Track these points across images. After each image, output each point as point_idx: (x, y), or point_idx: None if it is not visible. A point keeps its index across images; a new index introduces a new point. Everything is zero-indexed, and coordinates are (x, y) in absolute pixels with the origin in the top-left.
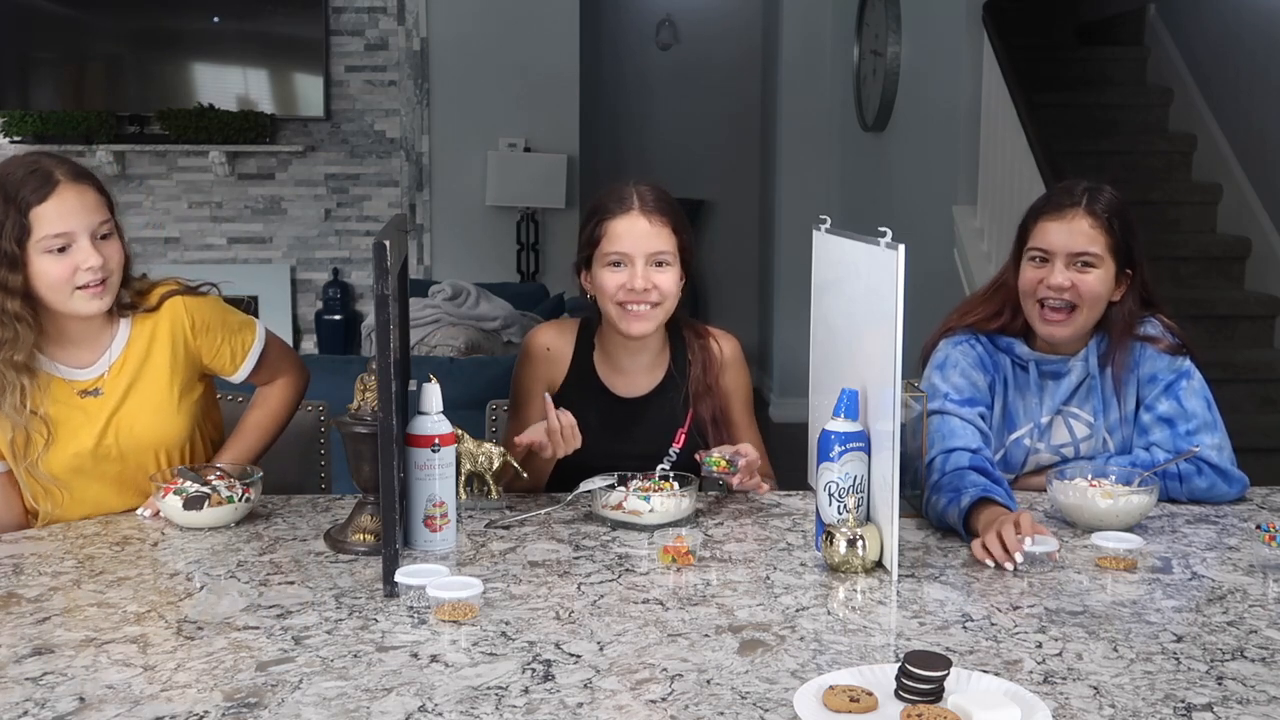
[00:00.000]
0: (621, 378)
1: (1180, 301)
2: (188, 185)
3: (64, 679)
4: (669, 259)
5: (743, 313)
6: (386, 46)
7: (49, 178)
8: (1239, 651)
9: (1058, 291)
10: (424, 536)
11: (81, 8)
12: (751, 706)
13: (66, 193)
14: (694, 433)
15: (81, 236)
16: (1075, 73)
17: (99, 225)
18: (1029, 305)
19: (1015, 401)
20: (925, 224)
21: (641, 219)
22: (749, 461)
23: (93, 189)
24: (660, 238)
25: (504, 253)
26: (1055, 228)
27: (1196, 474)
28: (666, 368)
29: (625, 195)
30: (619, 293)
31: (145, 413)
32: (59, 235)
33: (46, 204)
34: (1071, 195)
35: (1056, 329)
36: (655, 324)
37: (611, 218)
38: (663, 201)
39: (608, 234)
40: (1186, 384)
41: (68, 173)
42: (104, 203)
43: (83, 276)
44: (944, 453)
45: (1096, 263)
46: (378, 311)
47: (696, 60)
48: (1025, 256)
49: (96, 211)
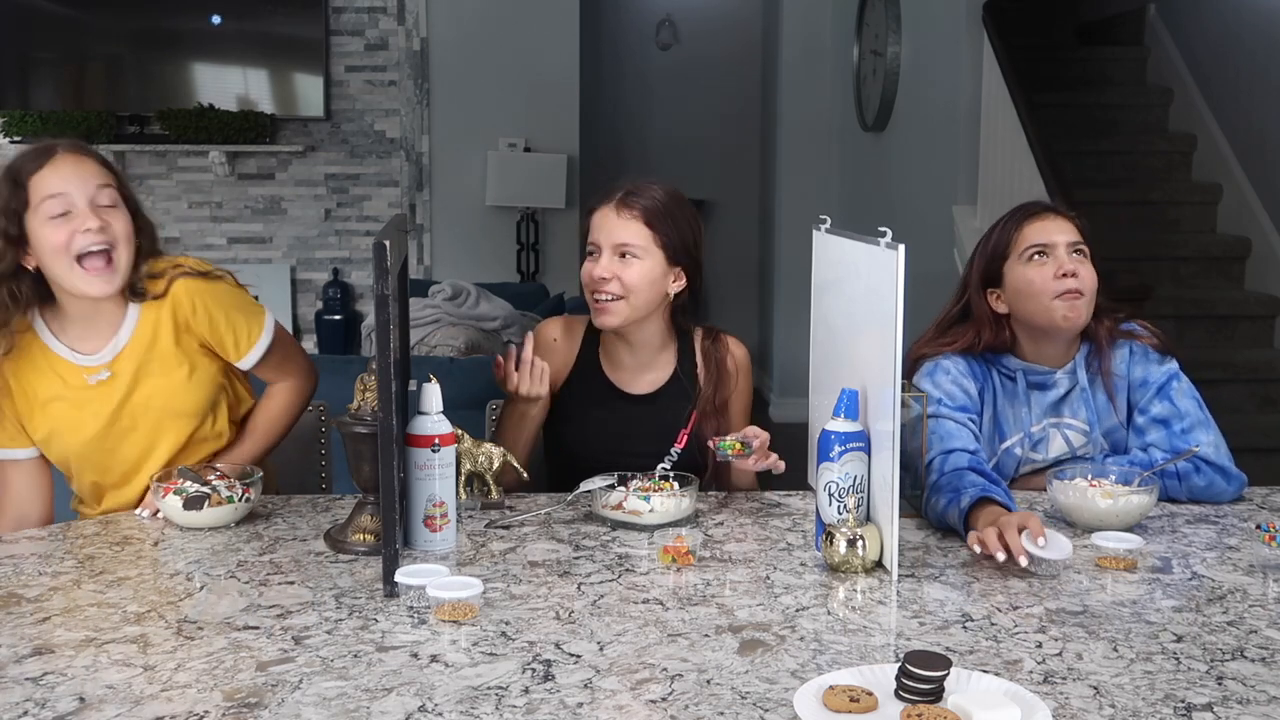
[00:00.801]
0: (624, 374)
1: (1180, 301)
2: (188, 185)
3: (64, 679)
4: (637, 252)
5: (743, 313)
6: (386, 46)
7: (48, 150)
8: (1239, 651)
9: (1076, 279)
10: (424, 536)
11: (81, 8)
12: (751, 706)
13: (63, 160)
14: (696, 436)
15: (79, 200)
16: (1075, 73)
17: (97, 191)
18: (1042, 304)
19: (1005, 410)
20: (925, 224)
21: (611, 211)
22: (763, 442)
23: (92, 160)
24: (627, 230)
25: (504, 253)
26: (1043, 225)
27: (1195, 472)
28: (673, 368)
29: (612, 189)
30: (588, 281)
31: (160, 391)
32: (54, 196)
33: (43, 170)
34: (1037, 204)
35: (1077, 315)
36: (620, 317)
37: (594, 210)
38: (644, 198)
39: (590, 225)
40: (1177, 385)
41: (67, 145)
42: (105, 173)
43: (80, 240)
44: (942, 454)
45: (1086, 253)
46: (378, 311)
47: (696, 60)
48: (1020, 261)
49: (97, 177)
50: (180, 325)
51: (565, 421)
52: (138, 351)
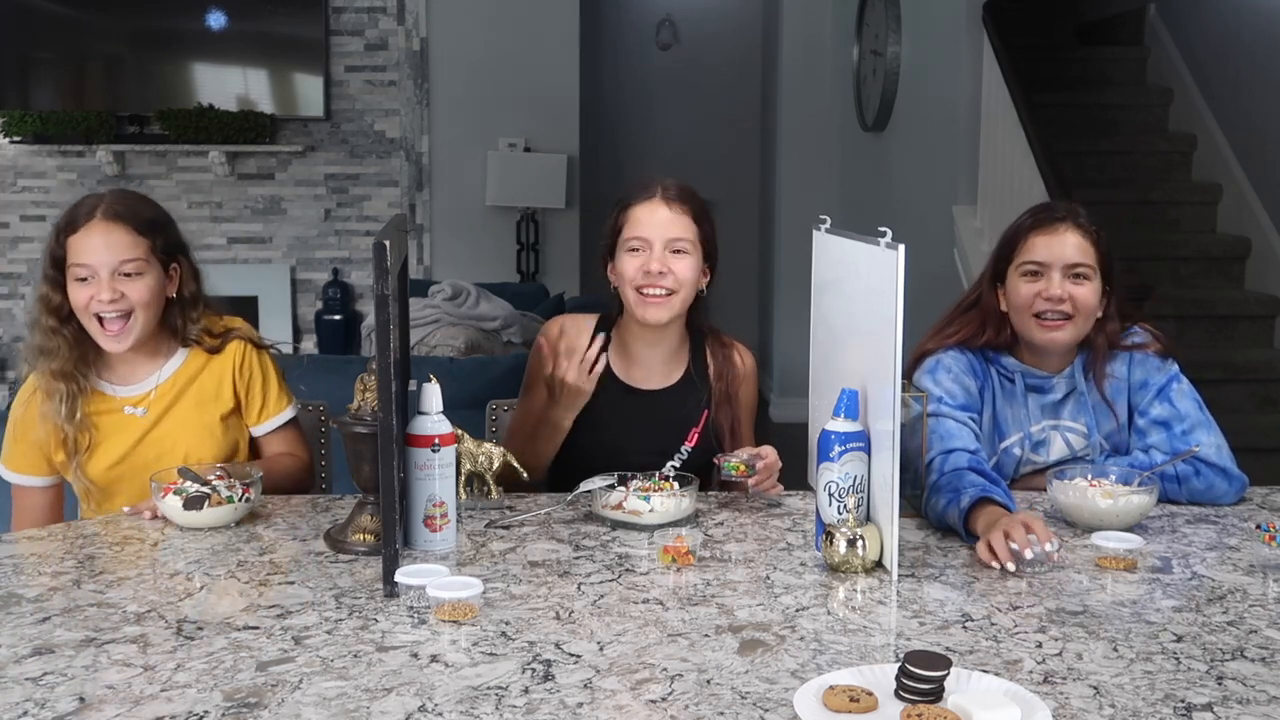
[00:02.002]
0: (637, 370)
1: (1180, 301)
2: (188, 185)
3: (64, 679)
4: (687, 247)
5: (743, 313)
6: (386, 46)
7: (89, 212)
8: (1239, 651)
9: (1055, 303)
10: (424, 536)
11: (81, 8)
12: (751, 706)
13: (94, 229)
14: (708, 434)
15: (101, 271)
16: (1075, 73)
17: (121, 264)
18: (1023, 320)
19: (1004, 410)
20: (925, 224)
21: (662, 205)
22: (768, 464)
23: (124, 230)
24: (679, 225)
25: (504, 253)
26: (1046, 241)
27: (1194, 475)
28: (685, 366)
29: (649, 184)
30: (637, 276)
31: (186, 431)
32: (80, 265)
33: (77, 235)
34: (1055, 209)
35: (1057, 334)
36: (672, 312)
37: (634, 204)
38: (686, 192)
39: (629, 220)
40: (1177, 387)
41: (106, 210)
42: (136, 243)
43: (95, 307)
44: (943, 453)
45: (1089, 274)
46: (378, 311)
47: (696, 61)
48: (1016, 272)
49: (123, 251)
50: (228, 375)
51: (576, 419)
52: (175, 388)
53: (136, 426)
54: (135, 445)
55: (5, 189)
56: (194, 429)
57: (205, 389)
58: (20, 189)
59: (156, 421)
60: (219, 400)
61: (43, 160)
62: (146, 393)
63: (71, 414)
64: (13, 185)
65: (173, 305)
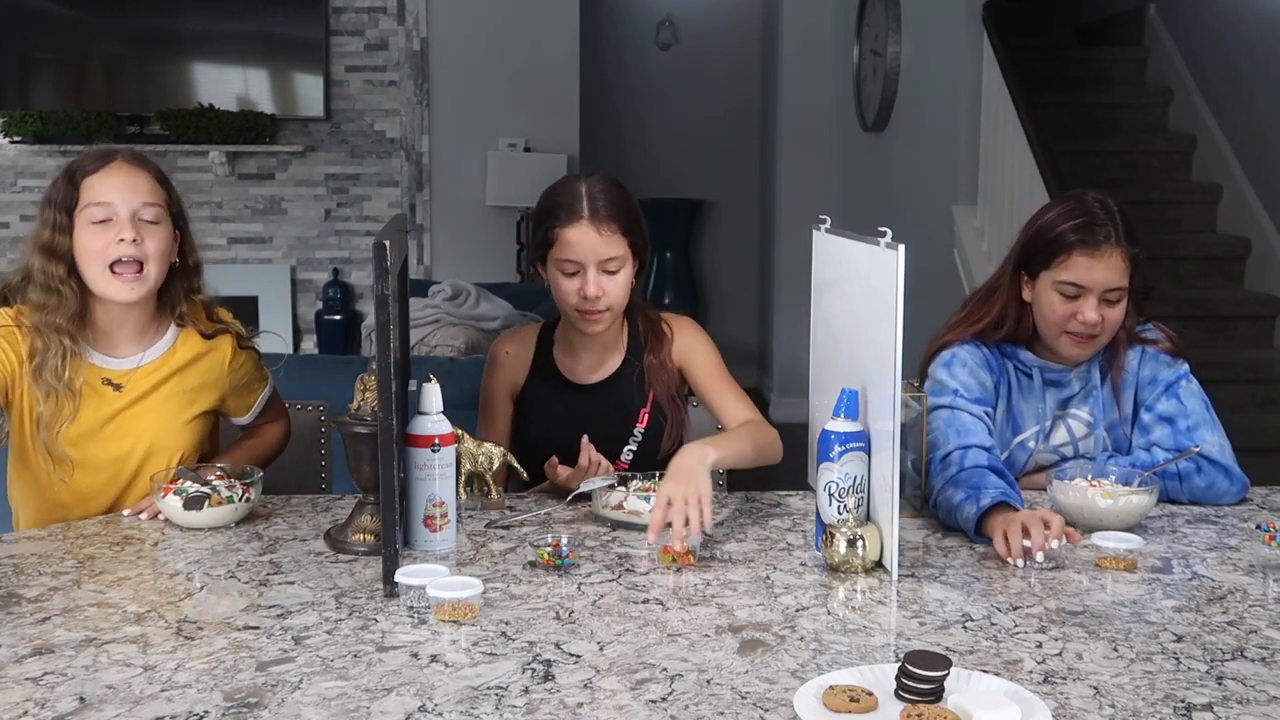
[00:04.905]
0: (582, 365)
1: (1180, 301)
2: (188, 185)
3: (64, 679)
4: (618, 264)
5: (743, 313)
6: (386, 46)
7: (109, 155)
8: (1239, 651)
9: (1089, 326)
10: (424, 536)
11: (81, 8)
12: (751, 706)
13: (117, 168)
14: (656, 411)
15: (122, 211)
16: (1075, 73)
17: (142, 206)
18: (1051, 331)
19: (1019, 404)
20: (925, 224)
21: (591, 230)
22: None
23: (146, 174)
24: (610, 245)
25: (504, 253)
26: (1091, 264)
27: (1196, 473)
28: (623, 354)
29: (575, 202)
30: (573, 298)
31: (158, 421)
32: (100, 204)
33: (96, 175)
34: (1101, 225)
35: (1084, 351)
36: (609, 324)
37: (562, 226)
38: (613, 205)
39: (560, 240)
40: (1186, 385)
41: (127, 154)
42: (157, 190)
43: (114, 250)
44: (962, 448)
45: (1123, 295)
46: (378, 311)
47: (696, 60)
48: (1050, 284)
49: (145, 194)
50: (212, 375)
51: (529, 420)
52: (158, 374)
53: (110, 403)
54: (104, 424)
55: (5, 189)
56: (166, 420)
57: (188, 383)
58: (20, 189)
59: (131, 404)
60: (199, 400)
61: (43, 160)
62: (130, 370)
63: (61, 373)
64: (13, 185)
65: (175, 274)
